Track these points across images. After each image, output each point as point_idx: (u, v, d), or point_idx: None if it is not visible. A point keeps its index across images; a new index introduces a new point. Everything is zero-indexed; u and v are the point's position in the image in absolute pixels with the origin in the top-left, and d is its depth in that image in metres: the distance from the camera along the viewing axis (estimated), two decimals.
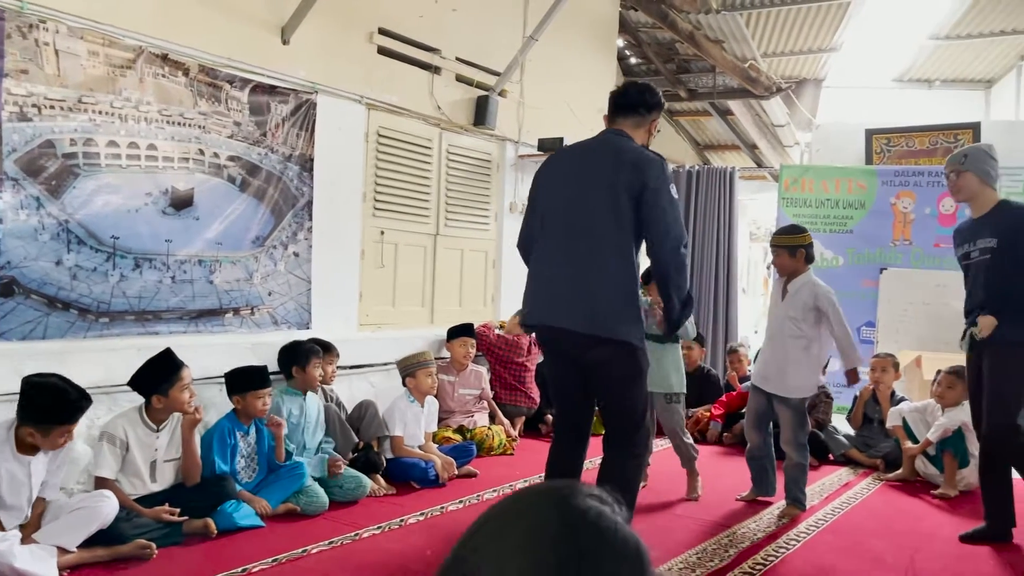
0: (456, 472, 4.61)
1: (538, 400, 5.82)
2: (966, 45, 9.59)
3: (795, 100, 10.08)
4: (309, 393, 4.29)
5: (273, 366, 4.28)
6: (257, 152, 4.64)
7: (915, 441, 4.97)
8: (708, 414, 6.09)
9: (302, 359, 4.25)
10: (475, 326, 5.80)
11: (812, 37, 9.32)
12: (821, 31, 9.13)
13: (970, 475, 4.75)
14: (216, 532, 3.45)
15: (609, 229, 2.95)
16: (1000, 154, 7.92)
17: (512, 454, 5.31)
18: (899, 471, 5.02)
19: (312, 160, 4.96)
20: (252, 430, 3.98)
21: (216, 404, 4.14)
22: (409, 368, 4.79)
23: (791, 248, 4.21)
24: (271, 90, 4.70)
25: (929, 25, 9.10)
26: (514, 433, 5.55)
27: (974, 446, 4.81)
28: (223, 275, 4.51)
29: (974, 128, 7.90)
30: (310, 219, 4.98)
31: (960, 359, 5.67)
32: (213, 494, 3.62)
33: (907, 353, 6.69)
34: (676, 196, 3.03)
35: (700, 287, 7.93)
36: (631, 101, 3.14)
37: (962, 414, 4.76)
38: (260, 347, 4.54)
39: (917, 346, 6.82)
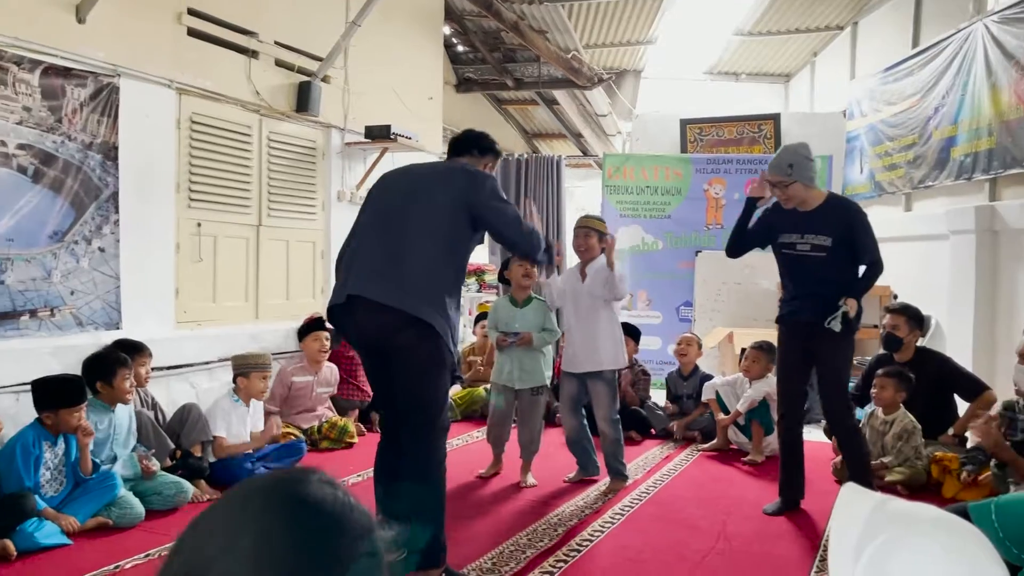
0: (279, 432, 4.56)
1: (371, 393, 5.74)
2: (766, 41, 10.34)
3: (616, 91, 10.48)
4: (119, 404, 4.00)
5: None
6: (52, 140, 4.27)
7: (727, 413, 5.33)
8: None
9: (107, 374, 3.87)
10: (304, 320, 5.65)
11: (630, 29, 9.72)
12: (638, 24, 9.54)
13: (774, 441, 5.14)
14: (15, 554, 3.17)
15: (431, 222, 2.97)
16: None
17: (355, 442, 5.33)
18: (714, 441, 5.37)
19: (116, 148, 4.62)
20: (60, 440, 3.67)
21: (12, 416, 3.79)
22: (245, 367, 4.58)
23: (601, 233, 4.48)
24: (66, 73, 4.33)
25: (734, 21, 9.73)
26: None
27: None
28: (16, 274, 4.12)
29: (775, 119, 8.55)
30: (116, 211, 4.64)
31: (764, 335, 6.14)
32: (11, 513, 3.30)
33: (720, 330, 7.16)
34: (504, 197, 3.12)
35: None
36: (467, 144, 3.31)
37: (766, 386, 5.16)
38: (63, 351, 4.19)
39: (730, 323, 7.31)
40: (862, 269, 3.86)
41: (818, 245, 3.84)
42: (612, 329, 4.41)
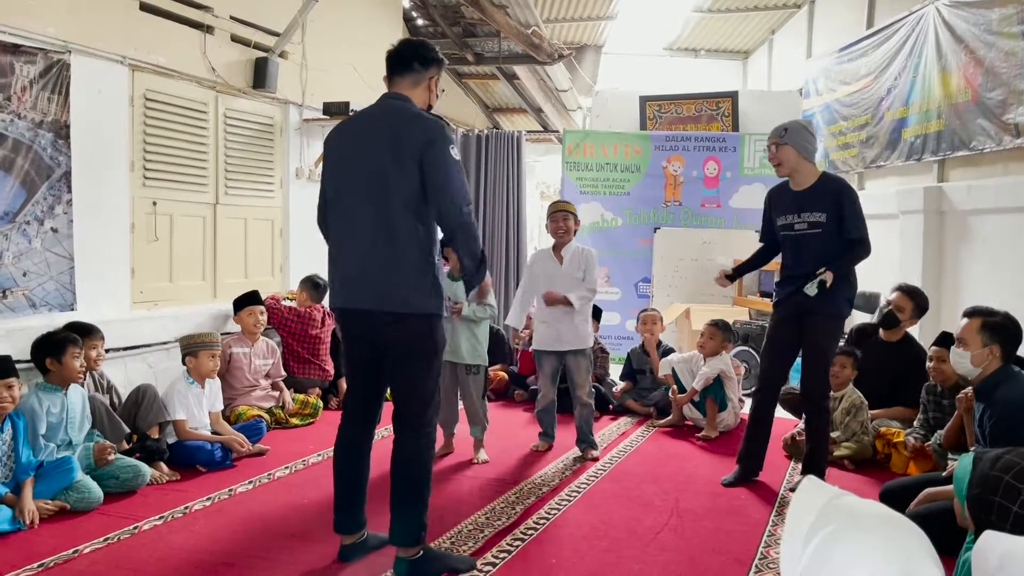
0: (250, 449, 4.48)
1: (332, 372, 5.75)
2: (725, 18, 10.40)
3: (576, 66, 10.47)
4: (72, 385, 3.95)
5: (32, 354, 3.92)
6: (0, 119, 4.18)
7: (683, 389, 5.44)
8: (500, 374, 6.32)
9: (56, 351, 3.82)
10: (263, 297, 5.62)
11: (590, 4, 9.71)
12: None
13: (727, 417, 5.29)
14: None
15: (397, 197, 2.85)
16: (751, 121, 8.68)
17: (315, 420, 5.37)
18: (669, 417, 5.49)
19: (68, 127, 4.54)
20: (7, 425, 3.62)
21: None
22: (192, 347, 4.56)
23: (575, 215, 4.69)
24: (15, 49, 4.23)
25: None
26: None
27: (732, 391, 5.36)
28: None
29: (732, 97, 8.62)
30: (69, 191, 4.57)
31: (721, 311, 6.26)
32: None
33: (678, 306, 7.28)
34: (458, 157, 2.94)
35: (492, 247, 8.14)
36: (404, 58, 3.03)
37: (720, 363, 5.28)
38: (16, 334, 4.15)
39: (687, 299, 7.43)
40: None
41: (814, 222, 3.90)
42: (587, 311, 4.70)
